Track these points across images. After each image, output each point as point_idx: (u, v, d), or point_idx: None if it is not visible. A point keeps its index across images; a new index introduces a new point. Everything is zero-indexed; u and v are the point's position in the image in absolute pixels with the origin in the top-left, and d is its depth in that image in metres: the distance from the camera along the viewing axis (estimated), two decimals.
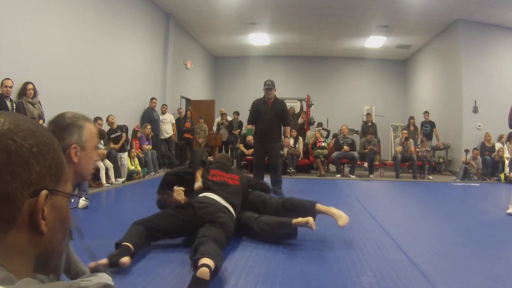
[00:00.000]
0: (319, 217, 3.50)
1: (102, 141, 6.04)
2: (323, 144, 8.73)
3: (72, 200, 0.58)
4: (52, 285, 0.45)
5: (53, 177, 0.52)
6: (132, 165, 6.76)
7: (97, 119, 6.22)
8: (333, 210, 3.13)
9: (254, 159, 5.64)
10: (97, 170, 5.85)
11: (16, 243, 0.48)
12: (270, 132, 5.32)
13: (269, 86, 5.32)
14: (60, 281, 0.90)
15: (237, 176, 3.18)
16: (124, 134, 6.65)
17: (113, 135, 6.56)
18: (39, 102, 5.05)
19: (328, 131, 10.17)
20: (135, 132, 7.53)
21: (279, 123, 5.40)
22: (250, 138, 5.58)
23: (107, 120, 6.61)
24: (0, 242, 0.48)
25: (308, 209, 3.11)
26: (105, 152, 6.02)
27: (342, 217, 3.02)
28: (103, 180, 5.83)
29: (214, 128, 10.44)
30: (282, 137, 5.56)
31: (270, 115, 5.30)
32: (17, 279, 0.45)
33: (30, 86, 4.89)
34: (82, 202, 4.09)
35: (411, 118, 10.10)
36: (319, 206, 3.17)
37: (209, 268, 1.95)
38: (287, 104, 10.07)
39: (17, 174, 0.47)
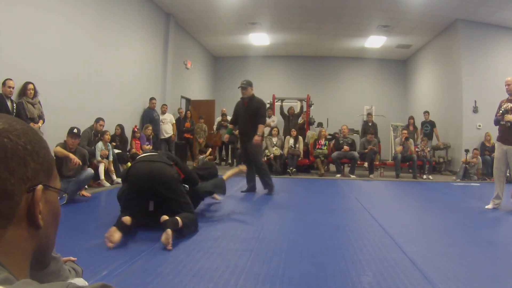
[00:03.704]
0: (318, 216, 3.48)
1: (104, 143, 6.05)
2: (323, 147, 8.70)
3: (64, 195, 0.61)
4: (50, 286, 0.46)
5: (45, 173, 0.54)
6: None
7: (99, 119, 6.22)
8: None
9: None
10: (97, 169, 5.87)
11: (15, 238, 0.50)
12: (247, 131, 5.31)
13: (243, 85, 5.31)
14: (58, 282, 0.91)
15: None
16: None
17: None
18: (39, 102, 5.04)
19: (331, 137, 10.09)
20: (134, 132, 7.53)
21: (255, 122, 5.28)
22: (226, 136, 5.82)
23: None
24: (0, 238, 0.49)
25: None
26: (106, 152, 6.03)
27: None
28: (101, 176, 5.82)
29: (214, 127, 10.44)
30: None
31: (246, 114, 5.30)
32: (16, 280, 0.46)
33: (30, 86, 4.89)
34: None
35: (411, 118, 10.11)
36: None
37: (173, 221, 2.81)
38: (286, 104, 10.18)
39: (15, 170, 0.49)
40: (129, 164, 6.74)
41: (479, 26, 9.13)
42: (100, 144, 5.93)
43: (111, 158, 6.12)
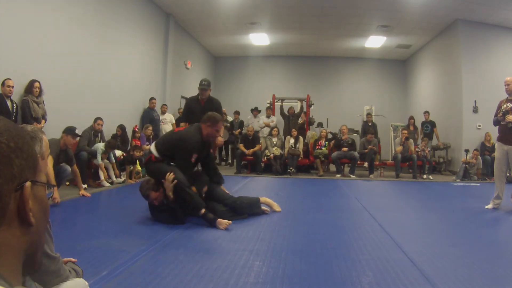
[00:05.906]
0: (318, 216, 3.48)
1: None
2: (323, 147, 8.70)
3: (51, 190, 0.60)
4: None
5: (31, 169, 0.53)
6: None
7: (97, 119, 6.22)
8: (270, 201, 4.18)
9: None
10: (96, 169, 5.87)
11: (7, 238, 0.49)
12: None
13: (204, 87, 5.25)
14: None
15: None
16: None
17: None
18: (43, 101, 5.04)
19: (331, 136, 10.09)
20: (134, 132, 7.53)
21: None
22: None
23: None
24: None
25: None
26: (106, 155, 6.03)
27: (275, 205, 4.17)
28: (102, 176, 5.82)
29: None
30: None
31: (203, 114, 5.31)
32: (9, 285, 0.45)
33: (36, 84, 4.89)
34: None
35: (411, 118, 10.12)
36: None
37: None
38: (286, 104, 10.17)
39: (1, 170, 0.48)
40: (138, 166, 6.75)
41: (479, 26, 9.13)
42: (100, 145, 5.93)
43: (113, 160, 6.12)
